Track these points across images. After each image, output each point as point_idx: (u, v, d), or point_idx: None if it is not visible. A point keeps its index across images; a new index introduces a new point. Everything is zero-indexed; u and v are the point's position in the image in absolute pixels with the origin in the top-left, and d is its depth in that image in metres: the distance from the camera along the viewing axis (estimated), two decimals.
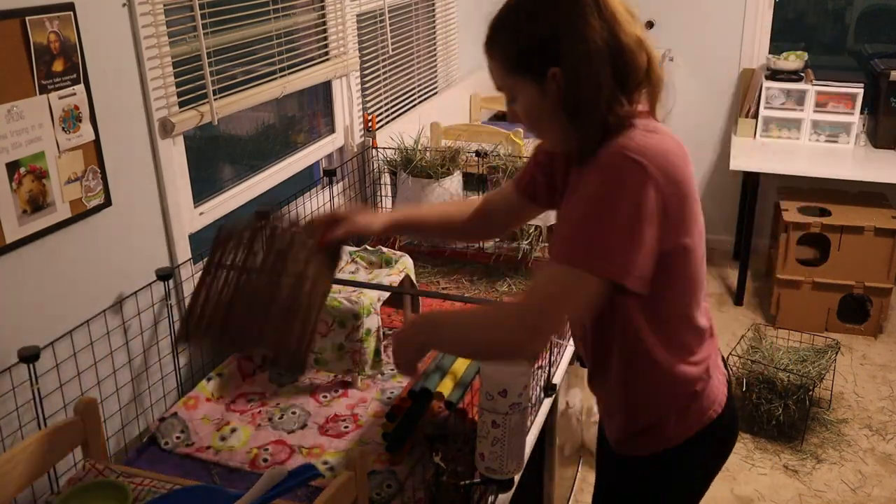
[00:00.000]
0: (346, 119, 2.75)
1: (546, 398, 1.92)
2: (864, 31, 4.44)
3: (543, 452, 2.15)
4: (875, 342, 3.78)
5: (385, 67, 3.05)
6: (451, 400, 1.49)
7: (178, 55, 1.90)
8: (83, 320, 1.66)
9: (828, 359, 3.18)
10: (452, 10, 3.62)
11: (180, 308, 1.96)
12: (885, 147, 3.99)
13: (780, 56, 4.15)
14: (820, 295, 3.79)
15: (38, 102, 1.52)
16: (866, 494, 2.81)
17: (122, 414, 1.79)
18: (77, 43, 1.58)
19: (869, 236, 3.64)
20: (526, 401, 1.41)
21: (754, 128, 4.19)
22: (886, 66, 3.89)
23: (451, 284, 2.39)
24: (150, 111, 1.81)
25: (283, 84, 2.30)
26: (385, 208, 2.71)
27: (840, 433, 3.12)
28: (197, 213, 2.04)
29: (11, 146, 1.47)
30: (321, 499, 1.20)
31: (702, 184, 4.66)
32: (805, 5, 4.49)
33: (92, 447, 1.46)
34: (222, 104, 2.04)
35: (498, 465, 1.44)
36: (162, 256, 1.91)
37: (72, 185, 1.61)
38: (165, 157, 1.86)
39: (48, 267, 1.59)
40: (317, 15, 2.57)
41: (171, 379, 1.92)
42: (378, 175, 2.74)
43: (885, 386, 3.44)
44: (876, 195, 3.97)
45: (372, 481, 1.56)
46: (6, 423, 1.51)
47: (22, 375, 1.50)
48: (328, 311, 1.85)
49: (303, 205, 2.43)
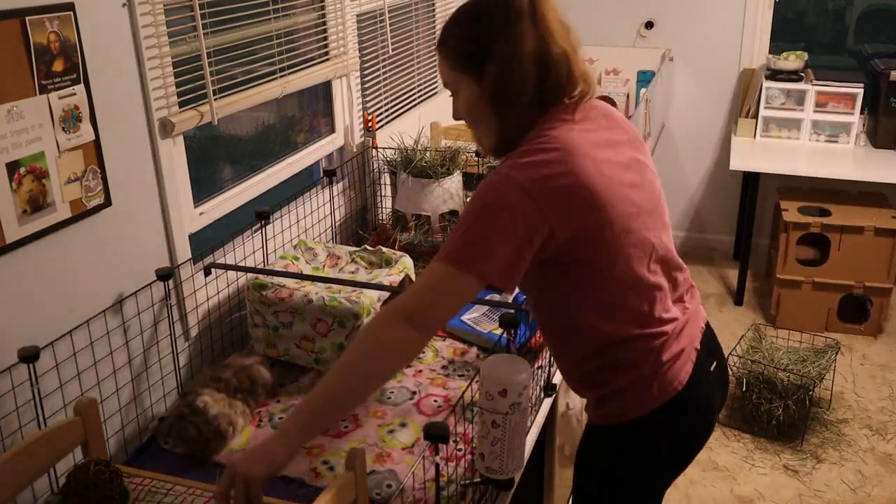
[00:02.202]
0: (346, 119, 2.75)
1: (546, 398, 1.92)
2: (864, 31, 4.44)
3: (543, 452, 2.15)
4: (875, 342, 3.78)
5: (385, 67, 3.05)
6: None
7: (178, 55, 1.90)
8: (83, 320, 1.66)
9: (828, 359, 3.18)
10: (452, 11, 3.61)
11: (180, 308, 1.96)
12: (885, 147, 3.99)
13: (780, 56, 4.15)
14: (820, 295, 3.79)
15: (38, 102, 1.52)
16: (866, 494, 2.81)
17: (122, 414, 1.79)
18: (77, 43, 1.58)
19: (869, 236, 3.64)
20: (526, 401, 1.41)
21: (754, 128, 4.19)
22: (886, 66, 3.89)
23: None
24: (150, 111, 1.81)
25: (283, 84, 2.30)
26: (385, 208, 2.71)
27: (840, 433, 3.12)
28: (197, 213, 2.04)
29: (11, 146, 1.47)
30: (321, 499, 1.20)
31: (702, 184, 4.66)
32: (805, 5, 4.49)
33: (92, 447, 1.46)
34: (222, 104, 2.04)
35: (498, 465, 1.44)
36: (162, 256, 1.91)
37: (72, 185, 1.61)
38: (165, 157, 1.87)
39: (48, 267, 1.59)
40: (317, 15, 2.57)
41: (171, 379, 1.92)
42: (378, 175, 2.74)
43: (885, 386, 3.44)
44: (876, 195, 3.97)
45: (372, 481, 1.56)
46: (6, 423, 1.51)
47: (22, 375, 1.50)
48: (328, 311, 1.85)
49: (303, 205, 2.43)
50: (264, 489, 1.22)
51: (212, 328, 2.06)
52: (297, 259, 2.13)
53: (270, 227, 2.20)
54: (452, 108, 1.48)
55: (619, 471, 1.54)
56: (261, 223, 2.13)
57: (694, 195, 4.70)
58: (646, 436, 1.49)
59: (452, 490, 1.52)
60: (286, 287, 1.92)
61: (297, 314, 1.89)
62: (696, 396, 1.48)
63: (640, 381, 1.44)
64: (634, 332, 1.42)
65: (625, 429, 1.48)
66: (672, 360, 1.45)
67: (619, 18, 4.45)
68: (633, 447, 1.51)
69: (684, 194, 4.68)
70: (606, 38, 4.45)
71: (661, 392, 1.44)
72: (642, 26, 4.43)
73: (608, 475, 1.56)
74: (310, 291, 1.91)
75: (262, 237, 2.15)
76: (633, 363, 1.44)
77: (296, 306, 1.88)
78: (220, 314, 2.09)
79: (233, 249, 2.13)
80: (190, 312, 1.98)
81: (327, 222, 2.58)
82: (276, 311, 1.91)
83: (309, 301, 1.87)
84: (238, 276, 2.14)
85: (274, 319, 1.91)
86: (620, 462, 1.53)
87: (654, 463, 1.54)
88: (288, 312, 1.90)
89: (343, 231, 2.69)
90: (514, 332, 1.57)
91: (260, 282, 1.93)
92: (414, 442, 1.72)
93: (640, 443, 1.50)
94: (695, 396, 1.48)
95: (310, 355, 1.91)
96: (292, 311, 1.89)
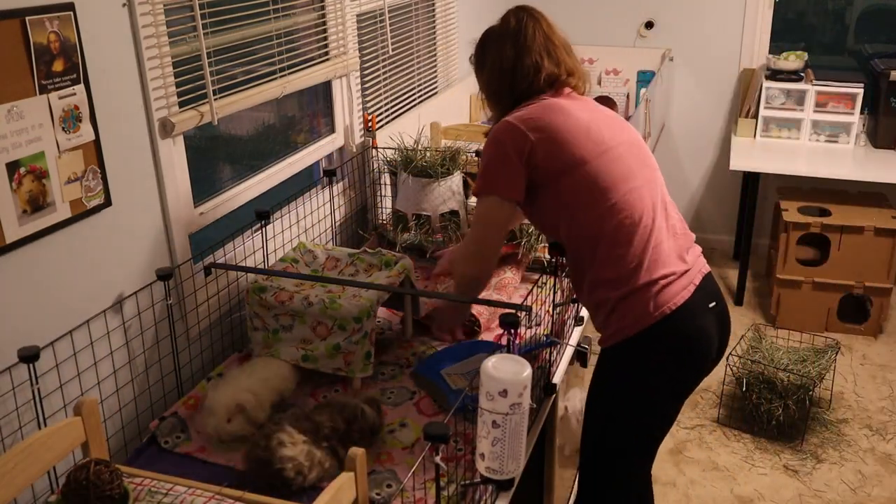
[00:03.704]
0: (346, 119, 2.75)
1: (546, 398, 1.92)
2: (864, 31, 4.44)
3: (543, 452, 2.15)
4: (875, 342, 3.78)
5: (385, 67, 3.05)
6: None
7: (178, 55, 1.90)
8: (83, 320, 1.66)
9: (828, 359, 3.18)
10: (452, 10, 3.62)
11: (180, 308, 1.96)
12: (885, 147, 3.99)
13: (780, 56, 4.15)
14: (820, 295, 3.80)
15: (38, 102, 1.52)
16: (866, 494, 2.81)
17: (122, 414, 1.79)
18: (77, 43, 1.58)
19: (869, 236, 3.65)
20: (526, 401, 1.41)
21: (754, 128, 4.19)
22: (886, 66, 3.89)
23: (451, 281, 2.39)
24: (150, 111, 1.81)
25: (283, 84, 2.30)
26: (385, 208, 2.71)
27: (840, 433, 3.13)
28: (197, 213, 2.04)
29: (11, 146, 1.47)
30: (321, 499, 1.20)
31: (702, 184, 4.67)
32: (805, 5, 4.49)
33: (92, 447, 1.46)
34: (222, 104, 2.04)
35: (498, 465, 1.44)
36: (162, 256, 1.91)
37: (72, 185, 1.61)
38: (165, 157, 1.87)
39: (48, 267, 1.59)
40: (317, 15, 2.57)
41: (171, 379, 1.92)
42: (378, 175, 2.74)
43: (885, 386, 3.44)
44: (876, 195, 3.97)
45: (372, 481, 1.56)
46: (6, 423, 1.51)
47: (22, 375, 1.50)
48: (328, 314, 1.85)
49: (303, 205, 2.43)
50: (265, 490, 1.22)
51: (212, 328, 2.06)
52: (297, 262, 2.12)
53: (270, 227, 2.20)
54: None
55: (622, 388, 1.82)
56: (261, 223, 2.13)
57: (694, 195, 4.70)
58: (644, 352, 1.76)
59: (452, 490, 1.52)
60: (286, 290, 1.92)
61: (297, 317, 1.88)
62: (690, 320, 1.75)
63: (627, 301, 1.73)
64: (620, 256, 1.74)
65: (626, 347, 1.76)
66: (666, 282, 1.73)
67: (619, 18, 4.45)
68: (633, 363, 1.78)
69: (684, 194, 4.68)
70: (606, 38, 4.45)
71: (655, 309, 1.71)
72: (642, 26, 4.44)
73: (614, 393, 1.84)
74: (310, 294, 1.91)
75: (262, 237, 2.15)
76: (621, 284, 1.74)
77: (296, 309, 1.88)
78: (220, 314, 2.09)
79: (233, 249, 2.13)
80: (190, 312, 1.98)
81: (327, 222, 2.58)
82: (275, 315, 1.90)
83: (309, 304, 1.86)
84: (238, 276, 2.14)
85: (274, 323, 1.91)
86: (624, 378, 1.81)
87: (652, 380, 1.79)
88: (288, 316, 1.89)
89: (343, 231, 2.69)
90: (515, 332, 1.57)
91: (259, 285, 1.93)
92: (414, 442, 1.71)
93: (640, 359, 1.77)
94: (689, 320, 1.75)
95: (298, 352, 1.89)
96: (292, 315, 1.89)
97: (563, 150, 1.75)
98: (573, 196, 1.76)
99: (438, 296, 2.17)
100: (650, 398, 1.83)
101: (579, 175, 1.75)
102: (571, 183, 1.75)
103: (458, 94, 3.58)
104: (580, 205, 1.76)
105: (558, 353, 2.02)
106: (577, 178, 1.75)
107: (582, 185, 1.75)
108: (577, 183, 1.75)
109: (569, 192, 1.76)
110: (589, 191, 1.74)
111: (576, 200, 1.76)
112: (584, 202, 1.75)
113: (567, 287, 2.08)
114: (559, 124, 1.76)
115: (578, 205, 1.76)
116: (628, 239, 1.73)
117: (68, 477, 1.34)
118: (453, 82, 3.68)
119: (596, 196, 1.74)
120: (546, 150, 1.74)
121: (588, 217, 1.76)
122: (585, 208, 1.75)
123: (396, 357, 2.05)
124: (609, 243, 1.74)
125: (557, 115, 1.78)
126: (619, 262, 1.74)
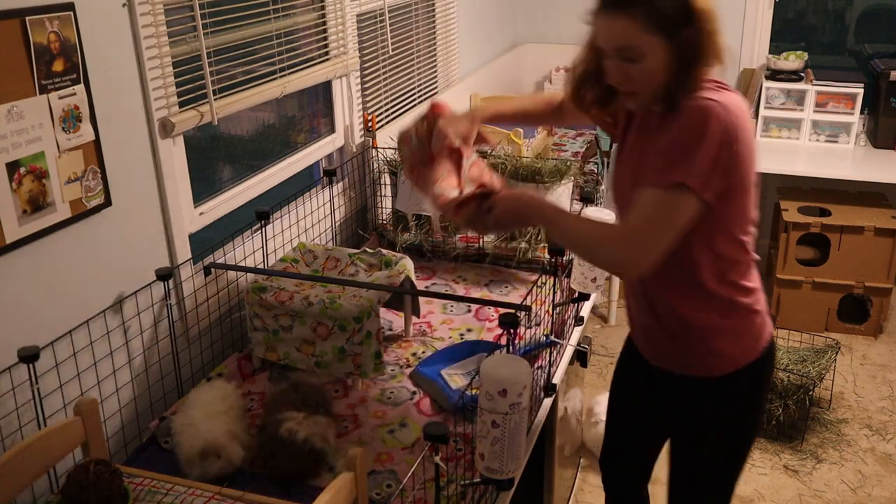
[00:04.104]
0: (346, 119, 2.75)
1: (546, 398, 1.92)
2: (864, 31, 4.44)
3: (543, 452, 2.15)
4: (875, 342, 3.78)
5: (385, 67, 3.05)
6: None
7: (178, 55, 1.90)
8: (83, 320, 1.66)
9: (828, 359, 3.18)
10: (452, 10, 3.62)
11: (180, 308, 1.96)
12: (885, 147, 3.99)
13: (780, 56, 4.15)
14: (820, 295, 3.79)
15: (38, 102, 1.52)
16: (866, 494, 2.81)
17: (122, 414, 1.79)
18: (77, 43, 1.58)
19: (869, 236, 3.64)
20: (526, 401, 1.41)
21: (754, 128, 4.18)
22: (886, 66, 3.89)
23: (451, 281, 2.39)
24: (150, 111, 1.81)
25: (283, 84, 2.30)
26: (385, 208, 2.71)
27: (840, 433, 3.12)
28: (197, 213, 2.04)
29: (11, 146, 1.47)
30: (321, 499, 1.20)
31: None
32: (805, 5, 4.49)
33: (92, 447, 1.46)
34: (222, 104, 2.04)
35: (498, 465, 1.44)
36: (162, 256, 1.91)
37: (72, 185, 1.61)
38: (165, 157, 1.87)
39: (48, 267, 1.59)
40: (317, 15, 2.57)
41: (171, 379, 1.92)
42: (378, 175, 2.74)
43: (885, 386, 3.44)
44: (876, 195, 3.97)
45: (372, 481, 1.56)
46: (6, 423, 1.51)
47: (22, 375, 1.50)
48: (329, 315, 1.85)
49: (303, 205, 2.43)
50: (262, 489, 1.22)
51: (212, 328, 2.06)
52: (297, 262, 2.13)
53: (270, 227, 2.20)
54: (613, 70, 1.47)
55: (744, 421, 1.68)
56: (261, 223, 2.13)
57: None
58: (755, 382, 1.65)
59: (452, 490, 1.52)
60: (286, 290, 1.92)
61: (297, 317, 1.88)
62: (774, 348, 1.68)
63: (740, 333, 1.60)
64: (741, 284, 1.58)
65: (738, 376, 1.62)
66: (762, 313, 1.63)
67: None
68: (749, 393, 1.65)
69: None
70: None
71: (754, 344, 1.61)
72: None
73: (734, 428, 1.69)
74: (310, 294, 1.91)
75: (262, 237, 2.15)
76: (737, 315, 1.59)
77: (296, 310, 1.87)
78: (219, 314, 2.09)
79: (233, 249, 2.13)
80: (190, 312, 1.98)
81: (327, 222, 2.58)
82: (275, 315, 1.90)
83: (309, 304, 1.86)
84: (238, 276, 2.14)
85: (274, 323, 1.91)
86: (746, 410, 1.67)
87: (760, 412, 1.70)
88: (288, 316, 1.89)
89: (343, 231, 2.69)
90: (514, 333, 1.57)
91: (259, 285, 1.93)
92: (414, 442, 1.72)
93: (754, 389, 1.66)
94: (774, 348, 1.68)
95: (310, 359, 1.90)
96: (292, 315, 1.89)
97: (753, 164, 1.47)
98: (730, 223, 1.52)
99: (439, 296, 2.17)
100: (756, 431, 1.76)
101: (748, 200, 1.51)
102: (736, 208, 1.50)
103: (459, 94, 3.57)
104: (733, 233, 1.54)
105: (558, 353, 2.02)
106: (744, 203, 1.50)
107: (744, 214, 1.52)
108: (741, 208, 1.51)
109: (727, 219, 1.51)
110: (742, 223, 1.54)
111: (731, 228, 1.52)
112: (737, 229, 1.54)
113: (567, 287, 2.08)
114: (750, 128, 1.47)
115: (732, 234, 1.54)
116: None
117: (68, 477, 1.34)
118: (453, 82, 3.68)
119: (746, 227, 1.54)
120: (739, 158, 1.43)
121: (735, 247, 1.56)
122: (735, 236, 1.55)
123: (396, 357, 2.05)
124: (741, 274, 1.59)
125: (745, 114, 1.46)
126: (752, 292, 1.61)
